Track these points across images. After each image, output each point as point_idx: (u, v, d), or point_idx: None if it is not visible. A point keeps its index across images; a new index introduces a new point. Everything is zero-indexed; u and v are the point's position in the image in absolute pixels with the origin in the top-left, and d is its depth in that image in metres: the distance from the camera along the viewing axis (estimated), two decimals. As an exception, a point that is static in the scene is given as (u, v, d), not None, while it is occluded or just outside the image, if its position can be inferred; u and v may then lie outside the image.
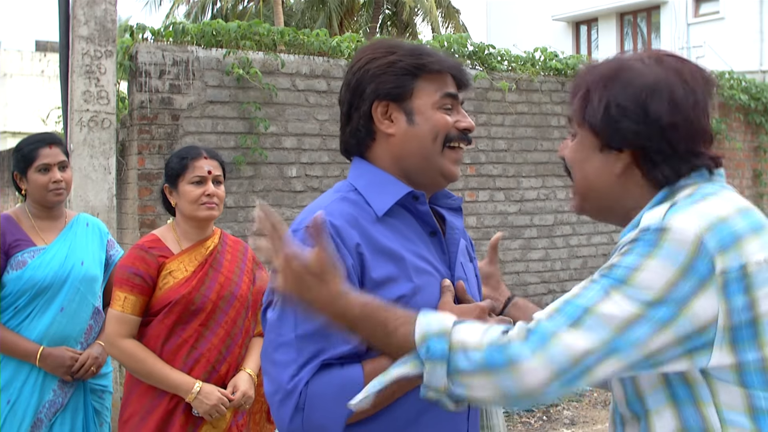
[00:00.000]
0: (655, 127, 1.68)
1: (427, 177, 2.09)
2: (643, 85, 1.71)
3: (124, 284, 3.39)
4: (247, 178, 7.04)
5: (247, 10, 30.15)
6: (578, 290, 1.59)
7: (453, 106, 2.09)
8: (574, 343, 1.51)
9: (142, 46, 6.69)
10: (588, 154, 1.79)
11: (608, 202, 1.80)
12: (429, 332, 1.59)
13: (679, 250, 1.53)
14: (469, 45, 8.52)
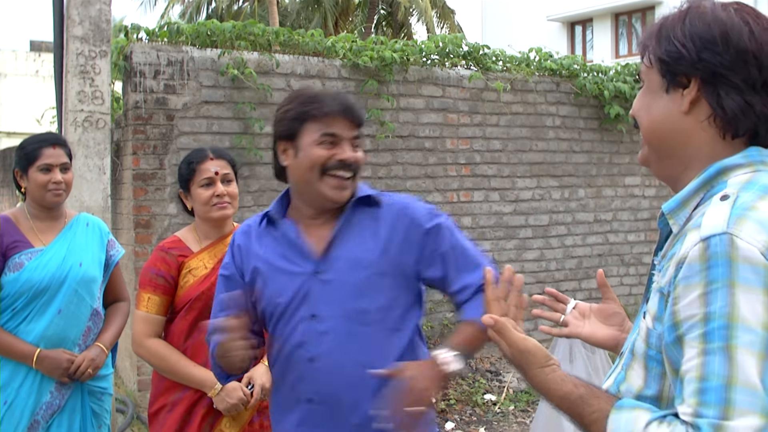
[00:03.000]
0: (727, 51, 1.64)
1: (311, 197, 2.62)
2: (715, 17, 1.68)
3: (147, 285, 3.51)
4: (242, 178, 7.04)
5: (242, 11, 30.19)
6: (700, 368, 1.48)
7: (336, 142, 2.56)
8: (742, 428, 1.42)
9: (136, 46, 6.69)
10: (654, 97, 1.75)
11: (672, 146, 1.74)
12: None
13: (755, 270, 1.47)
14: (464, 45, 8.52)
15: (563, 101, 8.97)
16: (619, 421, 1.57)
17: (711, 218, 1.54)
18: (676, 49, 1.68)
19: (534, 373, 1.79)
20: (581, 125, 9.09)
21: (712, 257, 1.49)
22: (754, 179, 1.61)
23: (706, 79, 1.66)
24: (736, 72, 1.64)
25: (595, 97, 9.03)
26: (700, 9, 1.71)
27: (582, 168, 9.09)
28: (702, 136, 1.70)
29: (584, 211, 9.16)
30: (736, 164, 1.65)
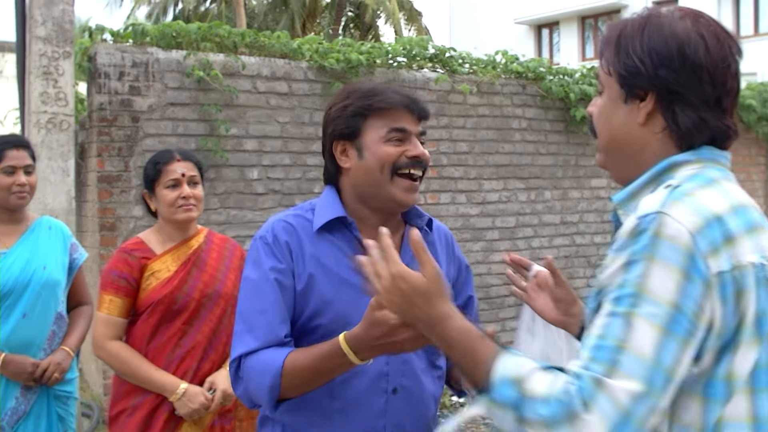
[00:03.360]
0: (683, 68, 1.68)
1: (379, 202, 2.36)
2: (672, 32, 1.71)
3: (109, 287, 3.47)
4: (208, 180, 6.99)
5: (209, 12, 30.06)
6: (602, 327, 1.55)
7: (404, 138, 2.34)
8: (618, 393, 1.48)
9: (101, 47, 6.63)
10: (613, 106, 1.79)
11: (628, 154, 1.79)
12: (504, 376, 1.60)
13: (676, 249, 1.52)
14: (431, 47, 8.53)
15: (529, 104, 9.01)
16: (508, 361, 1.62)
17: (648, 200, 1.61)
18: (634, 64, 1.72)
19: (444, 301, 1.80)
20: (547, 127, 9.14)
21: (640, 232, 1.55)
22: (699, 173, 1.68)
23: (662, 94, 1.71)
24: (690, 89, 1.69)
25: (561, 99, 9.08)
26: (659, 20, 1.74)
27: (548, 170, 9.14)
28: (657, 146, 1.75)
29: (551, 213, 9.20)
30: (685, 160, 1.71)
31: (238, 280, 3.58)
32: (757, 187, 11.69)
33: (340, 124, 2.35)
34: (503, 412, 1.58)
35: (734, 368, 1.57)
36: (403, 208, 2.40)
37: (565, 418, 1.49)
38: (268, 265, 2.26)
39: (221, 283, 3.54)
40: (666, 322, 1.50)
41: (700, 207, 1.57)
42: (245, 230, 7.11)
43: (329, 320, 2.25)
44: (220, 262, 3.59)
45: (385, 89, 2.38)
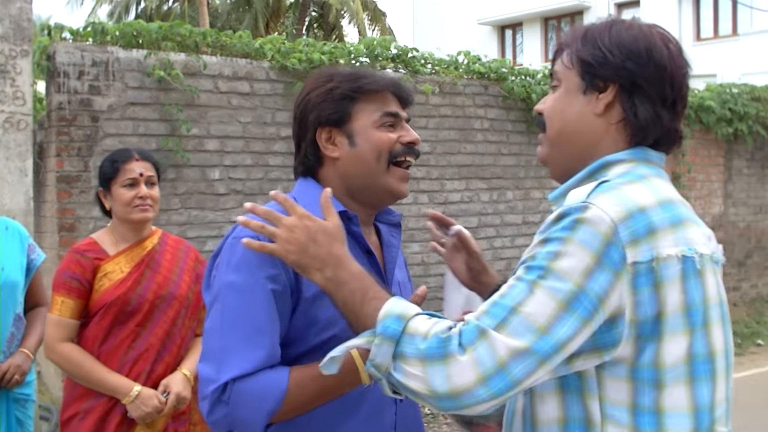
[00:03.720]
0: (648, 64, 1.76)
1: (373, 196, 2.16)
2: (642, 34, 1.80)
3: (61, 288, 3.41)
4: (168, 180, 6.96)
5: (172, 11, 29.88)
6: (506, 288, 1.61)
7: (395, 123, 2.15)
8: (499, 345, 1.52)
9: (60, 45, 6.58)
10: (570, 98, 1.84)
11: (576, 146, 1.84)
12: (391, 312, 1.64)
13: (594, 235, 1.57)
14: (393, 48, 8.56)
15: (491, 104, 9.05)
16: (396, 303, 1.68)
17: (576, 193, 1.69)
18: (603, 54, 1.79)
19: (340, 246, 1.85)
20: (509, 128, 9.19)
21: (563, 217, 1.61)
22: (631, 170, 1.75)
23: (625, 86, 1.78)
24: (652, 85, 1.77)
25: (523, 100, 9.14)
26: (627, 23, 1.84)
27: (510, 170, 9.19)
28: (609, 138, 1.81)
29: (513, 213, 9.25)
30: (619, 159, 1.78)
31: (192, 282, 3.57)
32: (716, 187, 11.83)
33: (327, 109, 2.12)
34: (384, 345, 1.62)
35: (661, 357, 1.61)
36: (395, 200, 2.20)
37: (440, 356, 1.54)
38: (262, 272, 1.96)
39: (175, 285, 3.50)
40: (567, 298, 1.55)
41: (625, 199, 1.62)
42: (206, 231, 7.08)
43: (341, 329, 1.98)
44: (174, 263, 3.55)
45: (370, 72, 2.19)
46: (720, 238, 11.74)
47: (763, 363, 9.71)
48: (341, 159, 2.12)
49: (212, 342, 1.97)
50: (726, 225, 12.00)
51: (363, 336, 1.69)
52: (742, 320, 11.49)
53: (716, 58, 22.86)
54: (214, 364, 1.93)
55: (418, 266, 8.53)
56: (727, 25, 24.56)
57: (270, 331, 1.95)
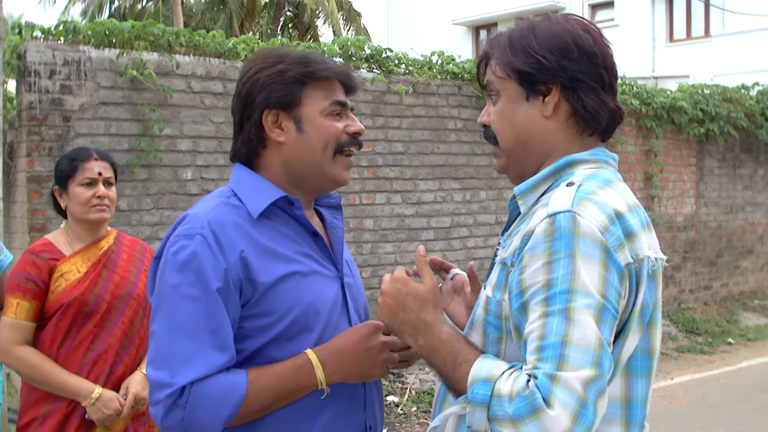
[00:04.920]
0: (581, 57, 1.82)
1: (316, 183, 2.16)
2: (563, 28, 1.84)
3: (16, 290, 3.34)
4: (141, 180, 6.93)
5: (146, 10, 29.71)
6: (541, 327, 1.61)
7: (342, 112, 2.14)
8: (573, 382, 1.54)
9: (31, 44, 6.53)
10: (514, 106, 1.88)
11: (531, 150, 1.88)
12: (478, 376, 1.66)
13: (594, 246, 1.62)
14: (367, 48, 8.56)
15: (465, 104, 9.08)
16: (482, 365, 1.68)
17: (557, 198, 1.70)
18: (536, 60, 1.83)
19: (437, 310, 1.85)
20: (483, 128, 9.20)
21: (556, 231, 1.65)
22: (596, 173, 1.80)
23: (566, 84, 1.82)
24: (590, 75, 1.83)
25: (496, 100, 9.15)
26: (543, 23, 1.88)
27: (483, 170, 9.21)
28: (561, 135, 1.87)
29: (486, 213, 9.28)
30: (583, 159, 1.84)
31: None
32: (688, 187, 11.92)
33: (277, 91, 2.08)
34: (477, 412, 1.63)
35: (621, 354, 1.70)
36: (337, 187, 2.20)
37: (529, 414, 1.55)
38: (207, 272, 1.92)
39: (133, 285, 3.47)
40: (599, 310, 1.59)
41: (605, 206, 1.67)
42: (179, 231, 7.05)
43: (300, 312, 2.00)
44: (131, 263, 3.52)
45: (320, 57, 2.17)
46: (692, 238, 11.86)
47: (733, 361, 9.81)
48: (286, 144, 2.10)
49: (162, 346, 1.93)
50: (698, 224, 12.09)
51: (458, 402, 1.71)
52: (713, 319, 11.59)
53: (689, 59, 23.03)
54: (167, 369, 1.89)
55: (391, 266, 8.54)
56: (699, 26, 24.72)
57: (221, 331, 1.92)
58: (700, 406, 7.77)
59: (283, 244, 2.06)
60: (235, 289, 1.94)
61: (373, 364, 1.99)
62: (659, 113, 11.14)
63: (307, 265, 2.08)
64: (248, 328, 1.98)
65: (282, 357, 1.98)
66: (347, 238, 8.12)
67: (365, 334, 2.00)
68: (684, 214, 11.89)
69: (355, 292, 2.24)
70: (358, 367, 1.98)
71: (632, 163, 11.04)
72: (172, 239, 1.99)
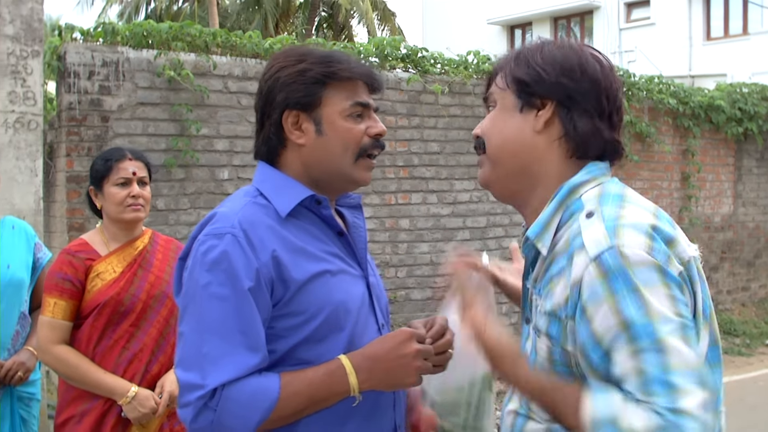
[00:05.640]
0: (582, 79, 1.80)
1: (336, 184, 2.13)
2: (573, 51, 1.83)
3: (53, 290, 3.36)
4: (178, 180, 6.98)
5: (182, 11, 29.92)
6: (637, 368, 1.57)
7: (363, 113, 2.09)
8: (694, 411, 1.52)
9: (71, 46, 6.60)
10: (507, 117, 1.86)
11: (521, 163, 1.85)
12: (600, 419, 1.60)
13: (650, 270, 1.60)
14: (403, 48, 8.56)
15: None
16: (597, 403, 1.62)
17: (591, 237, 1.67)
18: (536, 72, 1.82)
19: (510, 368, 1.82)
20: (518, 128, 9.17)
21: (608, 272, 1.61)
22: (604, 191, 1.77)
23: (562, 101, 1.81)
24: (588, 99, 1.80)
25: (532, 100, 9.11)
26: (557, 43, 1.87)
27: (519, 170, 9.16)
28: (551, 155, 1.84)
29: (521, 213, 9.22)
30: (582, 181, 1.80)
31: None
32: (726, 187, 11.80)
33: (297, 91, 2.04)
34: None
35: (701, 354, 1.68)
36: (357, 188, 2.16)
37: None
38: (237, 271, 1.89)
39: (168, 284, 3.45)
40: (682, 329, 1.58)
41: (638, 226, 1.65)
42: (216, 230, 7.08)
43: (330, 311, 1.99)
44: (165, 263, 3.53)
45: (344, 57, 2.11)
46: (729, 238, 11.74)
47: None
48: (306, 146, 2.06)
49: (191, 347, 1.90)
50: (735, 225, 11.96)
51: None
52: (751, 320, 11.46)
53: (726, 58, 22.76)
54: (198, 370, 1.86)
55: (426, 266, 8.53)
56: (737, 24, 24.44)
57: (252, 331, 1.89)
58: (738, 408, 7.69)
59: (311, 243, 2.04)
60: (266, 289, 1.92)
61: (406, 372, 1.94)
62: (697, 112, 11.04)
63: (335, 264, 2.06)
64: (279, 328, 1.96)
65: (313, 358, 1.96)
66: (383, 238, 8.13)
67: (399, 341, 1.94)
68: (721, 214, 11.76)
69: (378, 292, 2.22)
70: (390, 374, 1.93)
71: (669, 163, 10.95)
72: (200, 239, 1.96)
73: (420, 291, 8.47)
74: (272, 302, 1.94)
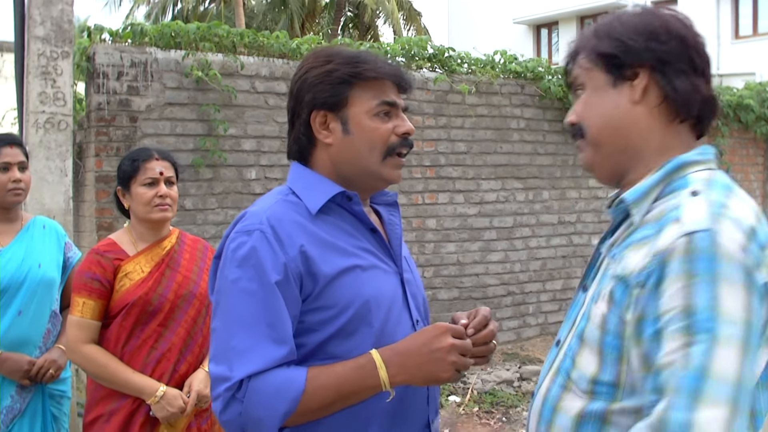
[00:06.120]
0: (670, 39, 1.74)
1: (366, 183, 2.15)
2: (651, 14, 1.78)
3: (82, 289, 3.37)
4: (206, 180, 7.01)
5: (208, 12, 30.03)
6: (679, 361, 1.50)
7: (391, 113, 2.11)
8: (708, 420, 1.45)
9: (99, 47, 6.64)
10: (601, 95, 1.80)
11: (623, 139, 1.78)
12: None
13: (737, 267, 1.51)
14: (429, 48, 8.55)
15: (528, 104, 9.02)
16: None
17: (691, 214, 1.59)
18: (622, 42, 1.76)
19: None
20: (546, 127, 9.15)
21: (695, 251, 1.53)
22: (713, 178, 1.69)
23: (655, 66, 1.74)
24: (680, 58, 1.74)
25: (560, 99, 9.10)
26: (633, 11, 1.81)
27: (546, 170, 9.15)
28: (652, 123, 1.77)
29: (548, 213, 9.21)
30: (693, 160, 1.73)
31: None
32: (755, 186, 11.70)
33: (324, 92, 2.08)
34: None
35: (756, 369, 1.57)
36: (388, 185, 2.18)
37: None
38: (265, 265, 1.93)
39: (195, 284, 3.49)
40: (744, 339, 1.49)
41: (740, 221, 1.57)
42: (243, 230, 7.10)
43: (360, 305, 2.01)
44: (193, 262, 3.54)
45: (371, 56, 2.13)
46: (759, 239, 11.63)
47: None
48: (334, 145, 2.10)
49: (221, 341, 1.95)
50: (765, 225, 11.85)
51: None
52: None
53: (756, 56, 22.58)
54: (226, 363, 1.91)
55: (453, 266, 8.52)
56: (766, 22, 24.25)
57: (279, 324, 1.92)
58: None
59: (342, 238, 2.07)
60: (294, 283, 1.95)
61: (439, 367, 1.90)
62: (725, 112, 10.95)
63: (366, 259, 2.08)
64: (309, 322, 1.99)
65: (343, 353, 1.98)
66: (410, 238, 8.12)
67: (432, 336, 1.92)
68: (751, 214, 11.65)
69: (414, 289, 2.23)
70: (422, 369, 1.91)
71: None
72: (231, 236, 2.01)
73: (447, 291, 8.45)
74: (302, 297, 1.97)
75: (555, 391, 1.80)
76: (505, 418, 6.98)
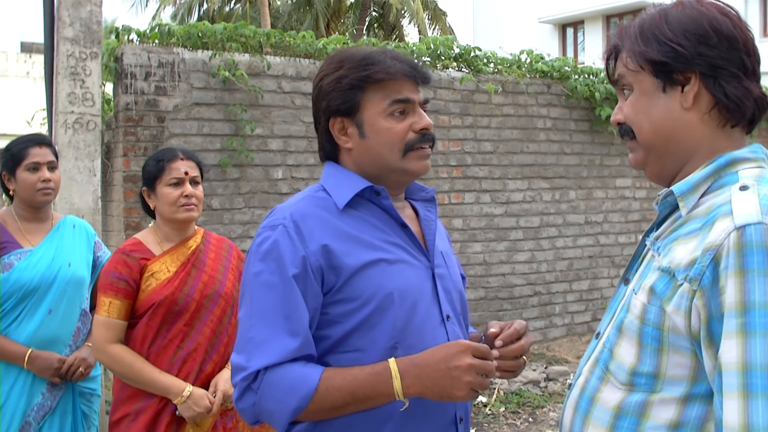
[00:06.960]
0: (720, 42, 1.70)
1: (393, 179, 2.17)
2: (698, 12, 1.73)
3: (108, 289, 3.38)
4: (232, 180, 7.04)
5: (234, 12, 30.16)
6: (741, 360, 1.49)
7: (406, 110, 2.12)
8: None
9: (127, 47, 6.68)
10: (651, 100, 1.77)
11: (676, 144, 1.76)
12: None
13: None
14: (455, 47, 8.54)
15: (554, 103, 8.98)
16: None
17: (742, 207, 1.57)
18: (671, 48, 1.71)
19: None
20: (572, 127, 9.11)
21: (747, 245, 1.51)
22: (764, 175, 1.66)
23: (706, 72, 1.70)
24: (731, 61, 1.69)
25: (586, 99, 9.05)
26: (676, 9, 1.76)
27: (573, 170, 9.11)
28: (704, 129, 1.73)
29: (575, 213, 9.17)
30: (744, 157, 1.71)
31: (236, 280, 3.55)
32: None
33: (336, 99, 2.11)
34: None
35: None
36: (416, 178, 2.20)
37: None
38: (285, 259, 1.98)
39: (221, 284, 3.49)
40: None
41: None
42: (270, 230, 7.13)
43: (383, 298, 2.01)
44: (218, 262, 3.55)
45: (382, 56, 2.12)
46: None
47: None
48: (354, 149, 2.14)
49: (242, 332, 2.01)
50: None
51: None
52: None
53: (784, 55, 22.39)
54: (245, 353, 1.96)
55: (479, 266, 8.51)
56: (794, 21, 24.05)
57: (295, 316, 1.96)
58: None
59: (368, 232, 2.09)
60: (314, 277, 1.98)
61: (454, 385, 1.88)
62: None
63: (394, 253, 2.09)
64: (333, 314, 2.02)
65: (366, 345, 2.00)
66: (435, 238, 8.10)
67: (451, 353, 1.90)
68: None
69: (448, 284, 2.22)
70: (438, 384, 1.89)
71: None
72: (258, 231, 2.07)
73: (473, 291, 8.44)
74: (324, 290, 2.00)
75: (593, 383, 1.79)
76: (532, 419, 6.96)
